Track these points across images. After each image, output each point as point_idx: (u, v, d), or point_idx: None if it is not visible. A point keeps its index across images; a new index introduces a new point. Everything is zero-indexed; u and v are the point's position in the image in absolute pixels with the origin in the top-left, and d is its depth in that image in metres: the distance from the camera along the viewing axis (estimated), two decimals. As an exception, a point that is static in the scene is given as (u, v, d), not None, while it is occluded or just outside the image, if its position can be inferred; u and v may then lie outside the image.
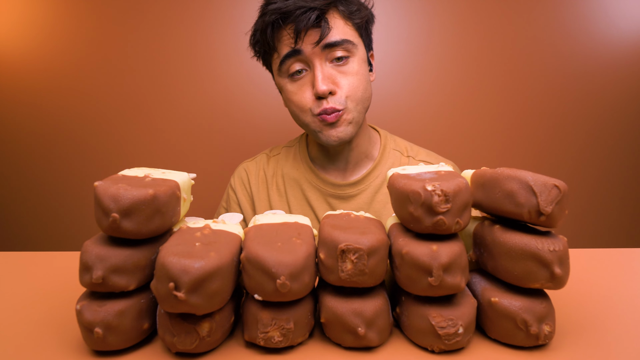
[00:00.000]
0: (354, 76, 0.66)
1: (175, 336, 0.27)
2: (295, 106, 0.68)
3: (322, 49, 0.64)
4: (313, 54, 0.64)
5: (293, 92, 0.68)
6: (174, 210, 0.30)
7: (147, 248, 0.29)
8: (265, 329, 0.28)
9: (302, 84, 0.67)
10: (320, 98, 0.65)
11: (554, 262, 0.27)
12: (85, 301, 0.28)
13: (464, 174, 0.35)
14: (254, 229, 0.31)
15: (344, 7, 0.66)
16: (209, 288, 0.26)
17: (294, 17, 0.62)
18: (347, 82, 0.66)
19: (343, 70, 0.66)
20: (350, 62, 0.66)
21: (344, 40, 0.65)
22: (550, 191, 0.27)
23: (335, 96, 0.65)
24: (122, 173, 0.31)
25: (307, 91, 0.66)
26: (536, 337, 0.28)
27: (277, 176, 0.81)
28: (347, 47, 0.65)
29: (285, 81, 0.69)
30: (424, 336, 0.29)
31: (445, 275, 0.27)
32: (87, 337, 0.28)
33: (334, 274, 0.28)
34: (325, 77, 0.64)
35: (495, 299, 0.29)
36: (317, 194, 0.77)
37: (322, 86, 0.63)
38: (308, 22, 0.62)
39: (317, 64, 0.64)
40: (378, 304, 0.29)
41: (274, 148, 0.86)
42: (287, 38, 0.65)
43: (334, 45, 0.64)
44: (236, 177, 0.84)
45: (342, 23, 0.66)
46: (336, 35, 0.64)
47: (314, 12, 0.62)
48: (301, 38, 0.63)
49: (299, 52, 0.64)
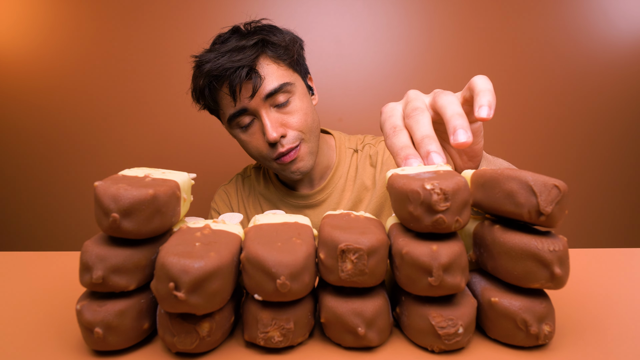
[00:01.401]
0: (299, 112, 0.70)
1: (175, 336, 0.27)
2: (253, 152, 0.73)
3: (263, 99, 0.67)
4: (257, 106, 0.67)
5: (247, 141, 0.72)
6: (174, 210, 0.30)
7: (147, 248, 0.29)
8: (265, 329, 0.28)
9: (254, 132, 0.71)
10: (273, 144, 0.69)
11: (554, 262, 0.27)
12: (86, 301, 0.28)
13: (463, 174, 0.35)
14: (254, 229, 0.31)
15: (272, 51, 0.69)
16: (209, 288, 0.26)
17: (225, 78, 0.66)
18: (295, 120, 0.69)
19: (288, 111, 0.69)
20: (292, 101, 0.70)
21: (281, 85, 0.68)
22: (550, 191, 0.27)
23: (287, 137, 0.69)
24: (122, 173, 0.31)
25: (260, 138, 0.70)
26: (536, 337, 0.28)
27: (252, 196, 0.87)
28: (286, 89, 0.69)
29: (237, 131, 0.72)
30: (424, 336, 0.29)
31: (445, 276, 0.27)
32: (87, 337, 0.28)
33: (334, 274, 0.28)
34: (273, 124, 0.67)
35: (495, 299, 0.29)
36: (292, 209, 0.83)
37: (272, 134, 0.66)
38: (240, 79, 0.65)
39: (262, 113, 0.68)
40: (378, 304, 0.29)
41: (246, 169, 0.92)
42: (225, 97, 0.69)
43: (274, 92, 0.68)
44: (218, 200, 0.89)
45: (275, 67, 0.69)
46: (273, 82, 0.67)
47: (244, 69, 0.65)
48: (238, 95, 0.66)
49: (245, 110, 0.68)
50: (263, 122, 0.67)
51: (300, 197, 0.82)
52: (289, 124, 0.69)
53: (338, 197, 0.81)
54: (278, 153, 0.69)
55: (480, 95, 0.33)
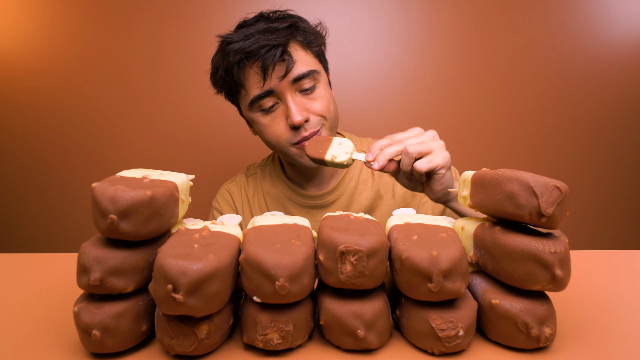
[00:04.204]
0: (323, 99, 0.70)
1: (174, 338, 0.27)
2: (271, 137, 0.71)
3: (291, 82, 0.67)
4: (284, 89, 0.67)
5: (267, 125, 0.71)
6: (172, 211, 0.30)
7: (145, 250, 0.29)
8: (264, 331, 0.28)
9: (276, 116, 0.70)
10: (296, 128, 0.68)
11: (555, 263, 0.26)
12: (83, 303, 0.28)
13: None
14: (252, 231, 0.31)
15: (302, 37, 0.70)
16: (207, 290, 0.26)
17: (259, 56, 0.65)
18: (319, 106, 0.69)
19: (312, 97, 0.70)
20: (317, 89, 0.70)
21: (310, 72, 0.68)
22: (551, 192, 0.26)
23: (310, 121, 0.69)
24: (120, 174, 0.31)
25: (281, 122, 0.70)
26: (537, 340, 0.28)
27: (258, 195, 0.85)
28: (313, 76, 0.69)
29: (257, 115, 0.71)
30: (424, 338, 0.28)
31: (446, 281, 0.26)
32: (84, 339, 0.28)
33: (333, 275, 0.28)
34: (298, 108, 0.67)
35: (496, 301, 0.29)
36: (299, 208, 0.81)
37: (297, 117, 0.66)
38: (274, 59, 0.65)
39: (288, 96, 0.67)
40: (378, 306, 0.29)
41: (249, 167, 0.90)
42: (253, 76, 0.68)
43: (302, 77, 0.68)
44: (220, 199, 0.87)
45: (303, 53, 0.69)
46: (302, 67, 0.68)
47: (278, 48, 0.65)
48: (269, 75, 0.66)
49: (271, 92, 0.67)
50: (288, 105, 0.67)
51: (310, 197, 0.80)
52: (312, 109, 0.69)
53: (348, 200, 0.80)
54: (301, 137, 0.68)
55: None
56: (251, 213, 0.84)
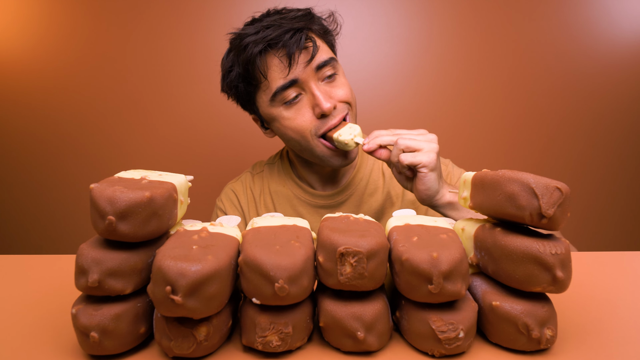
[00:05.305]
0: (344, 86, 0.70)
1: (172, 340, 0.27)
2: (296, 131, 0.68)
3: (315, 70, 0.66)
4: (308, 77, 0.66)
5: (291, 118, 0.68)
6: (171, 212, 0.30)
7: (143, 251, 0.29)
8: (263, 333, 0.28)
9: (300, 107, 0.68)
10: (324, 116, 0.67)
11: (556, 265, 0.26)
12: (81, 305, 0.28)
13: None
14: (252, 232, 0.30)
15: (318, 26, 0.69)
16: (206, 292, 0.25)
17: (283, 42, 0.63)
18: (342, 93, 0.69)
19: (335, 85, 0.69)
20: (337, 77, 0.70)
21: (330, 59, 0.68)
22: (552, 193, 0.26)
23: (336, 109, 0.68)
24: (119, 175, 0.31)
25: (306, 113, 0.67)
26: (538, 342, 0.28)
27: (264, 194, 0.83)
28: (333, 64, 0.69)
29: (280, 109, 0.69)
30: (424, 340, 0.28)
31: (446, 283, 0.26)
32: (82, 341, 0.28)
33: (333, 277, 0.28)
34: (325, 96, 0.66)
35: (496, 302, 0.29)
36: (309, 207, 0.80)
37: (326, 104, 0.65)
38: (299, 44, 0.63)
39: (312, 85, 0.66)
40: (377, 308, 0.29)
41: (255, 165, 0.88)
42: (276, 66, 0.66)
43: (324, 64, 0.67)
44: (224, 199, 0.85)
45: (320, 42, 0.69)
46: (323, 54, 0.67)
47: (302, 33, 0.64)
48: (295, 60, 0.64)
49: (295, 81, 0.66)
50: (314, 93, 0.66)
51: (319, 196, 0.79)
52: (336, 96, 0.68)
53: (358, 201, 0.79)
54: (328, 126, 0.66)
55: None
56: (257, 213, 0.82)
